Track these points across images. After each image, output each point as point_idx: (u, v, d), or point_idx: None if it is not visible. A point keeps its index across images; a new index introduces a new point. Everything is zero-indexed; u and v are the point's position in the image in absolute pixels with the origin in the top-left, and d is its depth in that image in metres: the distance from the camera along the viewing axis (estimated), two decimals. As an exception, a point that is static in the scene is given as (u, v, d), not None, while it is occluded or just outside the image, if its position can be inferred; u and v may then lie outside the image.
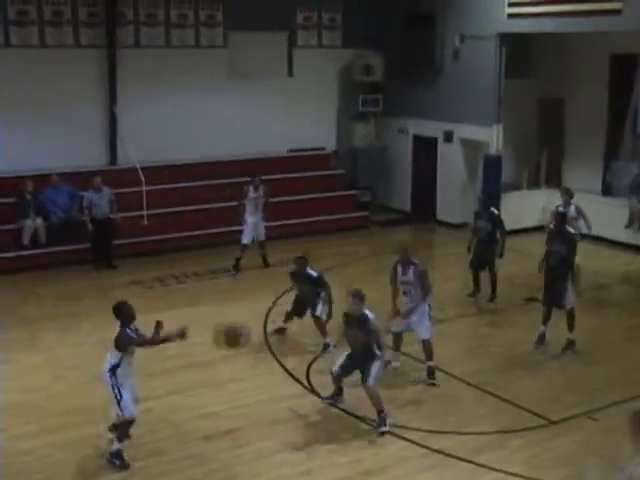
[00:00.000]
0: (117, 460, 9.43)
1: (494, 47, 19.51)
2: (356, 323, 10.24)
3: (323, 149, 22.29)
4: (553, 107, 21.34)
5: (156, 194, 19.03)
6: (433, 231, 21.37)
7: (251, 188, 17.30)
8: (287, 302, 13.80)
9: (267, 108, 21.02)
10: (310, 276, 12.92)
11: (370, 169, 22.44)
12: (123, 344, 9.37)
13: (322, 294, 12.74)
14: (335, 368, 10.59)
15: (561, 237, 12.75)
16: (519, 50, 20.01)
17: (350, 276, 16.31)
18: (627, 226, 19.37)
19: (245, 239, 17.28)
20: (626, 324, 14.24)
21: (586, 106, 20.51)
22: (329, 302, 12.60)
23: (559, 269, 12.56)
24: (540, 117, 21.80)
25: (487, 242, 15.06)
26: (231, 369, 12.23)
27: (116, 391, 9.36)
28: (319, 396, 11.17)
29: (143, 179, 18.85)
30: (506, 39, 19.37)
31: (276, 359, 12.64)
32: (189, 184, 19.66)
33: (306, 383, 11.75)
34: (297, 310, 13.30)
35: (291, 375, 12.04)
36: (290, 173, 20.52)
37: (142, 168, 18.99)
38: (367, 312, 10.26)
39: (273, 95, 21.15)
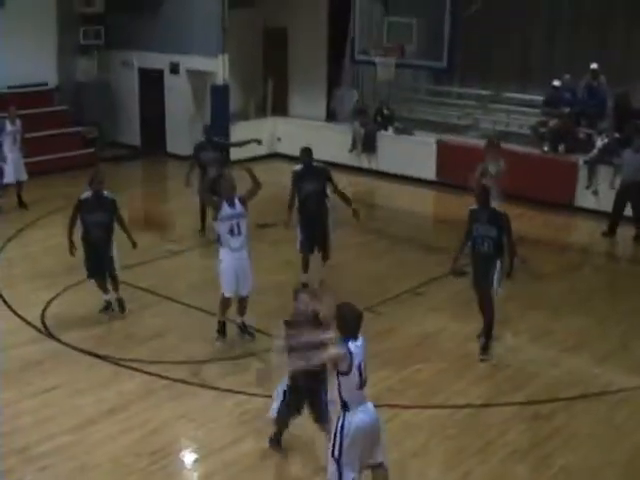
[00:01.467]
0: None
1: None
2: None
3: (45, 85, 21.28)
4: (277, 36, 21.69)
5: None
6: (164, 164, 21.22)
7: (7, 122, 16.36)
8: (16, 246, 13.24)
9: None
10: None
11: (95, 104, 21.76)
12: None
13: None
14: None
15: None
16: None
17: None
18: (350, 150, 20.28)
19: (7, 178, 16.38)
20: (356, 241, 14.96)
21: (307, 35, 21.07)
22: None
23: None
24: (265, 47, 22.10)
25: (212, 172, 14.82)
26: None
27: None
28: (58, 340, 10.90)
29: None
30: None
31: (7, 306, 12.11)
32: None
33: (42, 327, 11.39)
34: None
35: (25, 320, 11.59)
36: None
37: None
38: None
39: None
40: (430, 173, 19.11)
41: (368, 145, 20.09)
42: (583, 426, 9.10)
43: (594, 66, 17.12)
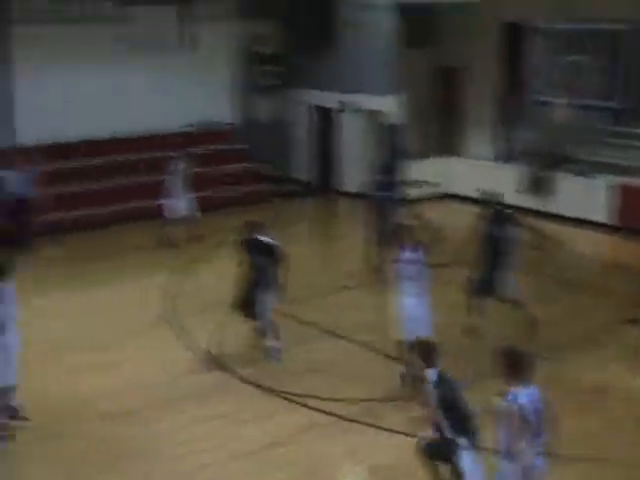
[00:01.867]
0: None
1: (392, 16, 19.63)
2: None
3: (223, 122, 22.06)
4: (449, 76, 21.61)
5: (56, 172, 18.58)
6: (335, 201, 21.45)
7: (177, 163, 17.18)
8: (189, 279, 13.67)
9: (166, 83, 20.72)
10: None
11: (271, 142, 22.34)
12: None
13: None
14: None
15: None
16: (417, 20, 20.15)
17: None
18: (519, 190, 19.79)
19: (172, 212, 17.13)
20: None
21: (480, 74, 20.85)
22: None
23: None
24: (437, 86, 22.06)
25: (384, 212, 14.96)
26: (131, 347, 12.06)
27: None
28: (225, 370, 11.13)
29: (41, 158, 18.33)
30: (404, 9, 19.49)
31: (176, 336, 12.49)
32: (91, 162, 19.39)
33: (210, 357, 11.67)
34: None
35: (194, 350, 11.92)
36: (192, 147, 20.28)
37: (40, 147, 18.47)
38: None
39: (172, 69, 20.81)
40: (605, 216, 18.42)
41: (540, 187, 19.58)
42: None
43: None
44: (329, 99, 21.55)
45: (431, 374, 7.59)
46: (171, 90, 20.69)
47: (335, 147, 21.89)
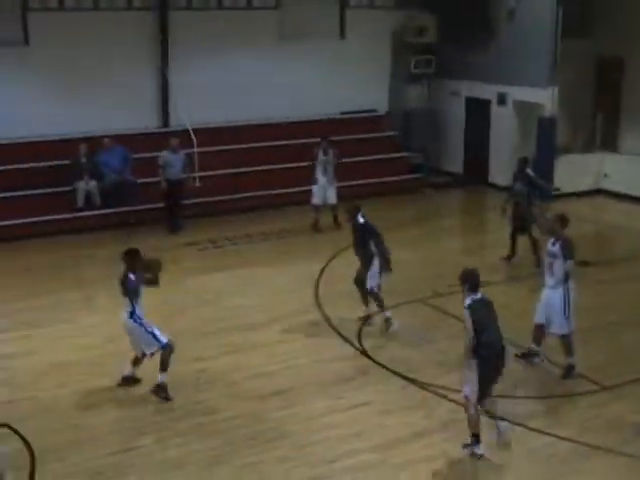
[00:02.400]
0: (162, 392, 10.02)
1: (551, 6, 19.15)
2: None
3: (375, 111, 22.14)
4: (610, 67, 20.89)
5: (209, 156, 19.13)
6: (485, 194, 21.18)
7: (321, 151, 17.39)
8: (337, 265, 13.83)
9: (319, 70, 20.95)
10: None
11: (422, 131, 22.26)
12: (127, 290, 9.93)
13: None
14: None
15: None
16: (576, 9, 19.56)
17: (403, 239, 16.23)
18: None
19: (315, 199, 17.42)
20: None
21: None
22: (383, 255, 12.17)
23: None
24: (596, 78, 21.38)
25: (524, 205, 14.90)
26: (281, 330, 12.33)
27: (146, 328, 9.94)
28: (372, 359, 11.25)
29: (195, 141, 18.95)
30: (563, -2, 19.01)
31: (327, 321, 12.68)
32: (241, 146, 19.76)
33: (357, 345, 11.80)
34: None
35: (342, 336, 12.08)
36: (342, 135, 20.45)
37: (194, 130, 19.10)
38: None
39: (325, 57, 21.06)
40: None
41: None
42: None
43: None
44: (484, 90, 21.25)
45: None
46: (324, 78, 20.90)
47: (487, 139, 21.58)
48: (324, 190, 17.47)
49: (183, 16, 19.44)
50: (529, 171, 15.30)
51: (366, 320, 12.46)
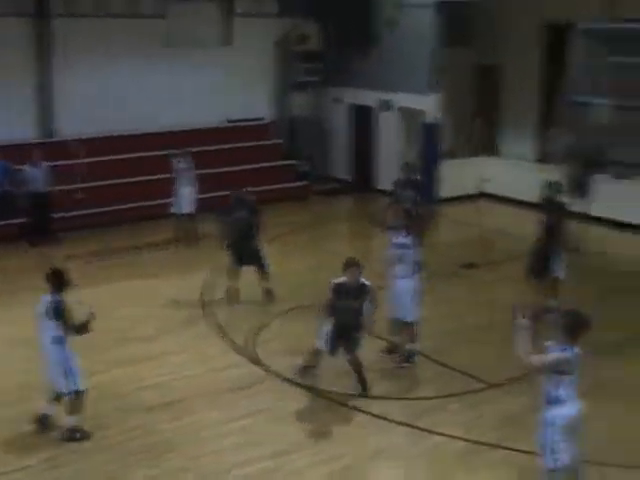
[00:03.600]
0: (77, 433, 9.35)
1: (431, 16, 19.58)
2: (353, 292, 10.07)
3: (261, 119, 22.15)
4: (488, 75, 21.53)
5: (92, 167, 18.75)
6: (373, 200, 21.43)
7: (178, 161, 17.14)
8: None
9: (205, 78, 20.85)
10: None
11: (308, 139, 22.42)
12: (66, 314, 9.18)
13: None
14: (323, 344, 10.39)
15: None
16: (461, 19, 20.09)
17: (292, 245, 16.31)
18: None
19: (176, 208, 17.21)
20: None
21: (520, 74, 20.74)
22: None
23: None
24: (476, 85, 21.98)
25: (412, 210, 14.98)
26: (171, 342, 12.16)
27: (68, 364, 9.22)
28: (266, 367, 11.21)
29: (79, 152, 18.54)
30: (443, 7, 19.43)
31: (218, 330, 12.58)
32: (124, 156, 19.43)
33: (251, 353, 11.73)
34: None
35: (234, 345, 12.01)
36: (228, 144, 20.40)
37: (76, 140, 18.69)
38: (364, 280, 10.16)
39: (212, 65, 20.96)
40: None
41: (579, 189, 19.39)
42: None
43: None
44: (368, 97, 21.54)
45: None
46: (209, 86, 20.80)
47: (373, 145, 21.89)
48: (184, 199, 17.18)
49: (65, 23, 18.95)
50: (416, 176, 15.53)
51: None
